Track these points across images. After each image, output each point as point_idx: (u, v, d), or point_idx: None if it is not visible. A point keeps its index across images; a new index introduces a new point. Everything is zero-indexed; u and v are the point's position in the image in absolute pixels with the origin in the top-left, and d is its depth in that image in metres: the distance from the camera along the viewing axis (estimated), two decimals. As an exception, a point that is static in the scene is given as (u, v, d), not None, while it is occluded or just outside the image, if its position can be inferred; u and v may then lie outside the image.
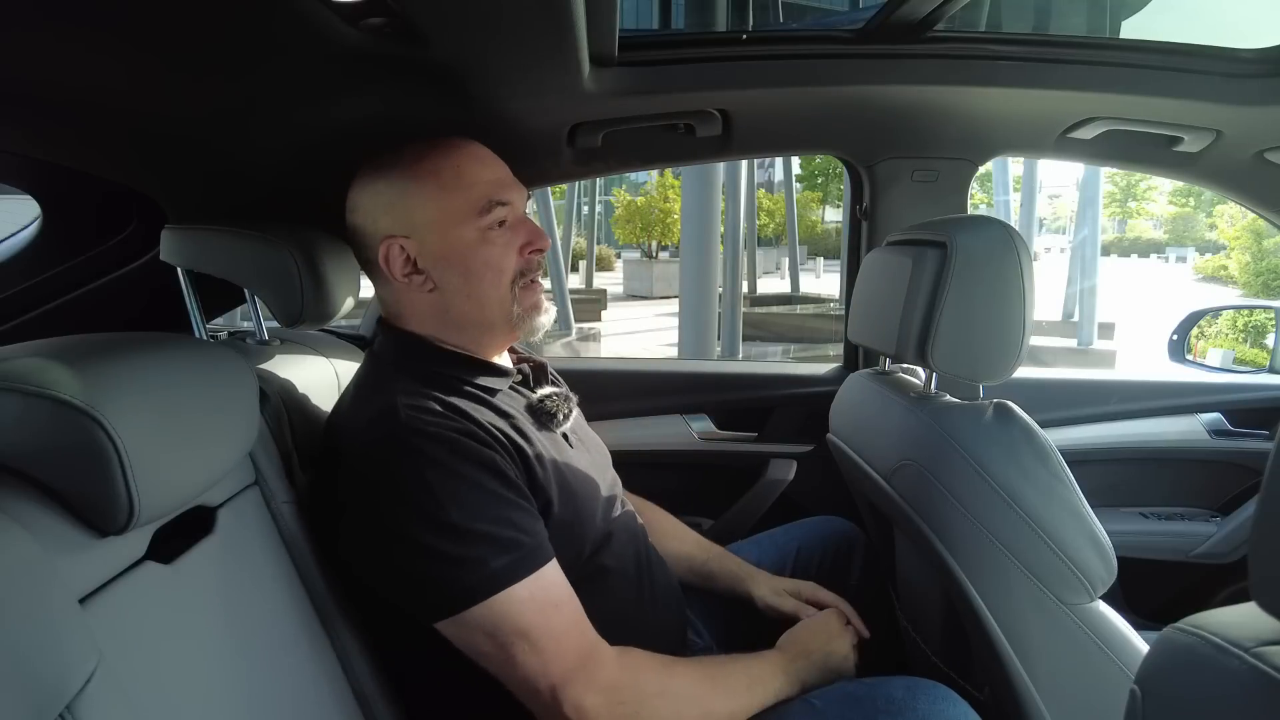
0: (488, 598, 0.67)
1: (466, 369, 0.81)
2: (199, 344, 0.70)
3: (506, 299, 0.81)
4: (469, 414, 0.74)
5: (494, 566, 0.67)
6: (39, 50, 0.63)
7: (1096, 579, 0.82)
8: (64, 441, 0.50)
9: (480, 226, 0.79)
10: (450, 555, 0.67)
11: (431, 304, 0.81)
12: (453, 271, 0.79)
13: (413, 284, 0.80)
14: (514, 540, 0.69)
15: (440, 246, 0.79)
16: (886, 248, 1.05)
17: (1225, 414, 1.41)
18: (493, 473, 0.71)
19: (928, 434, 0.90)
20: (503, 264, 0.80)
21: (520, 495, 0.73)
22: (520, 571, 0.68)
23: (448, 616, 0.68)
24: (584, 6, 0.70)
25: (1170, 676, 0.43)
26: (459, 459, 0.70)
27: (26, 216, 1.12)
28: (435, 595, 0.68)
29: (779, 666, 0.83)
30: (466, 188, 0.79)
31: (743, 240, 8.48)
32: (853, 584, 1.08)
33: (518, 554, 0.69)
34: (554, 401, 0.85)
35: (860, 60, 1.09)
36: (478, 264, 0.79)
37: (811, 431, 1.37)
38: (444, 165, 0.79)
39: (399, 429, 0.70)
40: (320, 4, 0.61)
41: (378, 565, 0.71)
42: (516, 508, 0.72)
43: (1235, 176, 1.27)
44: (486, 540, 0.68)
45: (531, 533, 0.71)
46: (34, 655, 0.42)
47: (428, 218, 0.78)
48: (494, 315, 0.81)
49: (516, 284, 0.81)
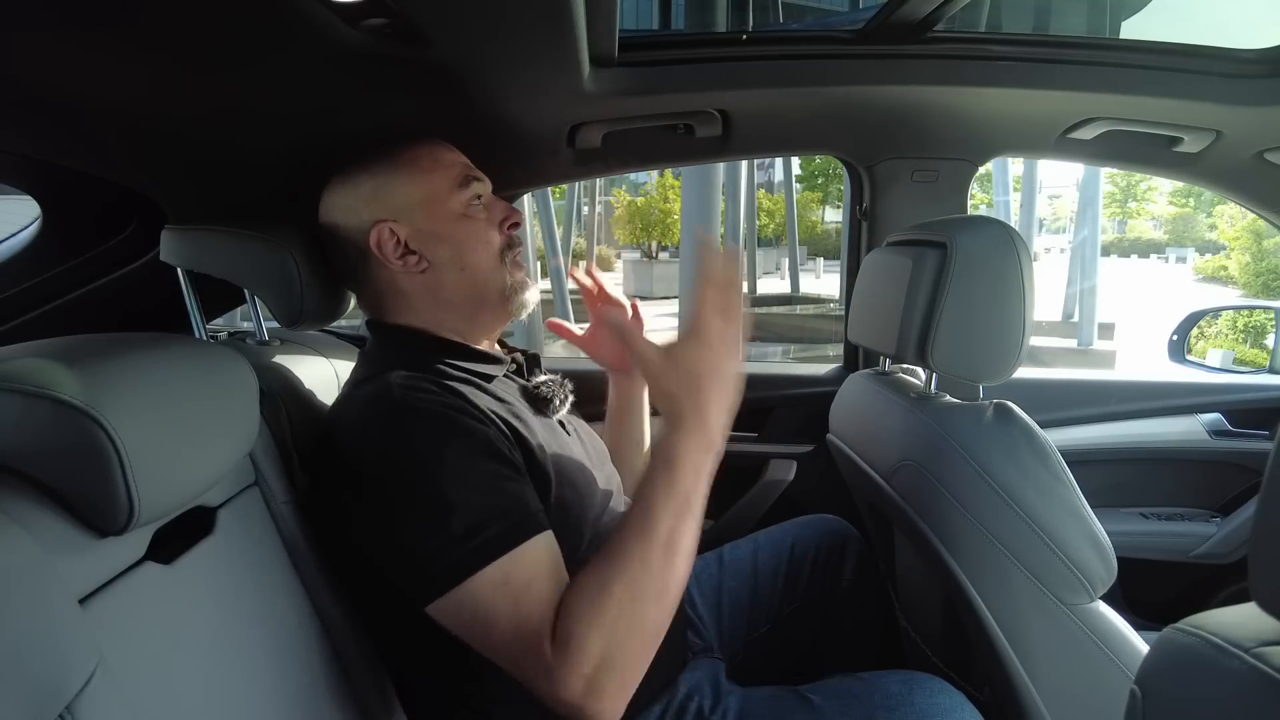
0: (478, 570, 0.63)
1: (461, 356, 0.81)
2: (199, 344, 0.70)
3: (499, 269, 0.84)
4: (465, 395, 0.74)
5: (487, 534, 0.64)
6: (39, 50, 0.63)
7: (1096, 579, 0.82)
8: (64, 442, 0.50)
9: (463, 200, 0.83)
10: (440, 529, 0.64)
11: (424, 285, 0.82)
12: (444, 246, 0.82)
13: (406, 265, 0.82)
14: (506, 508, 0.66)
15: (429, 223, 0.82)
16: (886, 248, 1.05)
17: (1225, 414, 1.41)
18: (485, 445, 0.69)
19: (928, 434, 0.90)
20: (489, 236, 0.84)
21: (513, 468, 0.71)
22: (511, 540, 0.65)
23: (440, 595, 0.64)
24: (584, 6, 0.70)
25: (1170, 677, 0.43)
26: (451, 432, 0.68)
27: (26, 216, 1.12)
28: (428, 572, 0.64)
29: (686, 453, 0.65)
30: (445, 168, 0.84)
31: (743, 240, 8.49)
32: (846, 582, 1.09)
33: (510, 520, 0.66)
34: (549, 387, 0.85)
35: (860, 60, 1.09)
36: (466, 234, 0.83)
37: (811, 432, 1.37)
38: (420, 152, 0.84)
39: (391, 406, 0.69)
40: (320, 4, 0.61)
41: (379, 549, 0.69)
42: (507, 478, 0.69)
43: (1235, 177, 1.27)
44: (478, 510, 0.65)
45: (524, 499, 0.68)
46: (34, 655, 0.42)
47: (413, 199, 0.82)
48: (487, 286, 0.83)
49: (505, 255, 0.85)
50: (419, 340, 0.82)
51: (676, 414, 0.66)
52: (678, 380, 0.66)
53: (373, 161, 0.83)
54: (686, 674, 0.88)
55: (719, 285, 0.67)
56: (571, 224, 14.99)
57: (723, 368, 0.66)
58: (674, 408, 0.66)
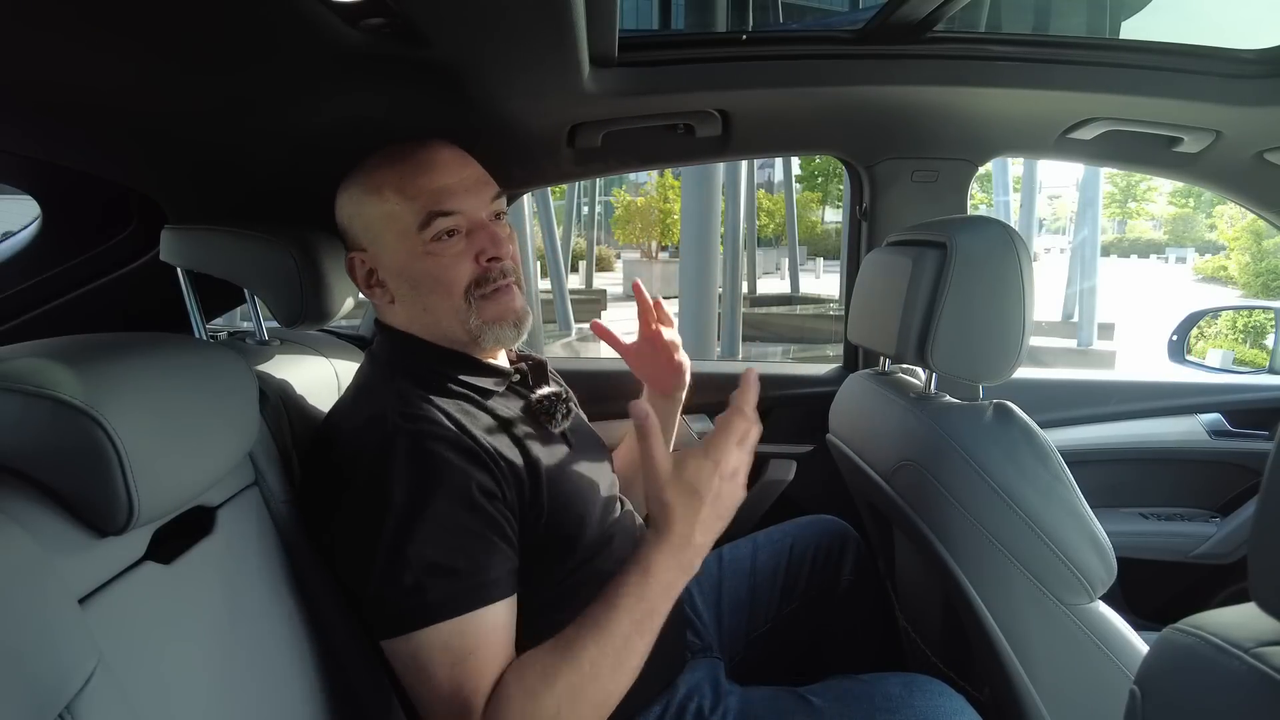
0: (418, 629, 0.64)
1: (462, 367, 0.80)
2: (199, 344, 0.70)
3: (462, 310, 0.78)
4: (463, 425, 0.73)
5: (427, 600, 0.65)
6: (39, 50, 0.63)
7: (1096, 579, 0.83)
8: (64, 442, 0.50)
9: (423, 239, 0.76)
10: (396, 580, 0.65)
11: (399, 313, 0.82)
12: (404, 286, 0.79)
13: (375, 295, 0.81)
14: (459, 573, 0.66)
15: (391, 261, 0.79)
16: (886, 248, 1.05)
17: (1225, 414, 1.41)
18: (464, 499, 0.68)
19: (927, 434, 0.90)
20: (450, 276, 0.77)
21: (488, 524, 0.69)
22: (451, 609, 0.65)
23: (386, 638, 0.67)
24: (584, 7, 0.70)
25: (1170, 677, 0.43)
26: (432, 483, 0.68)
27: (26, 216, 1.12)
28: (380, 612, 0.67)
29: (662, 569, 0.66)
30: (409, 200, 0.76)
31: (742, 240, 8.49)
32: (845, 582, 1.09)
33: (457, 587, 0.66)
34: (552, 402, 0.84)
35: (860, 60, 1.09)
36: (424, 278, 0.78)
37: (811, 432, 1.37)
38: (389, 178, 0.77)
39: (383, 441, 0.69)
40: (320, 4, 0.61)
41: (346, 562, 0.72)
42: (477, 538, 0.68)
43: (1235, 177, 1.27)
44: (432, 571, 0.65)
45: (482, 568, 0.67)
46: (33, 655, 0.42)
47: (377, 232, 0.79)
48: (451, 328, 0.79)
49: (472, 294, 0.78)
50: (421, 347, 0.81)
51: (666, 526, 0.66)
52: (677, 492, 0.66)
53: (356, 178, 0.80)
54: (686, 674, 0.88)
55: (746, 417, 0.69)
56: (571, 224, 14.99)
57: (723, 493, 0.67)
58: (666, 519, 0.66)
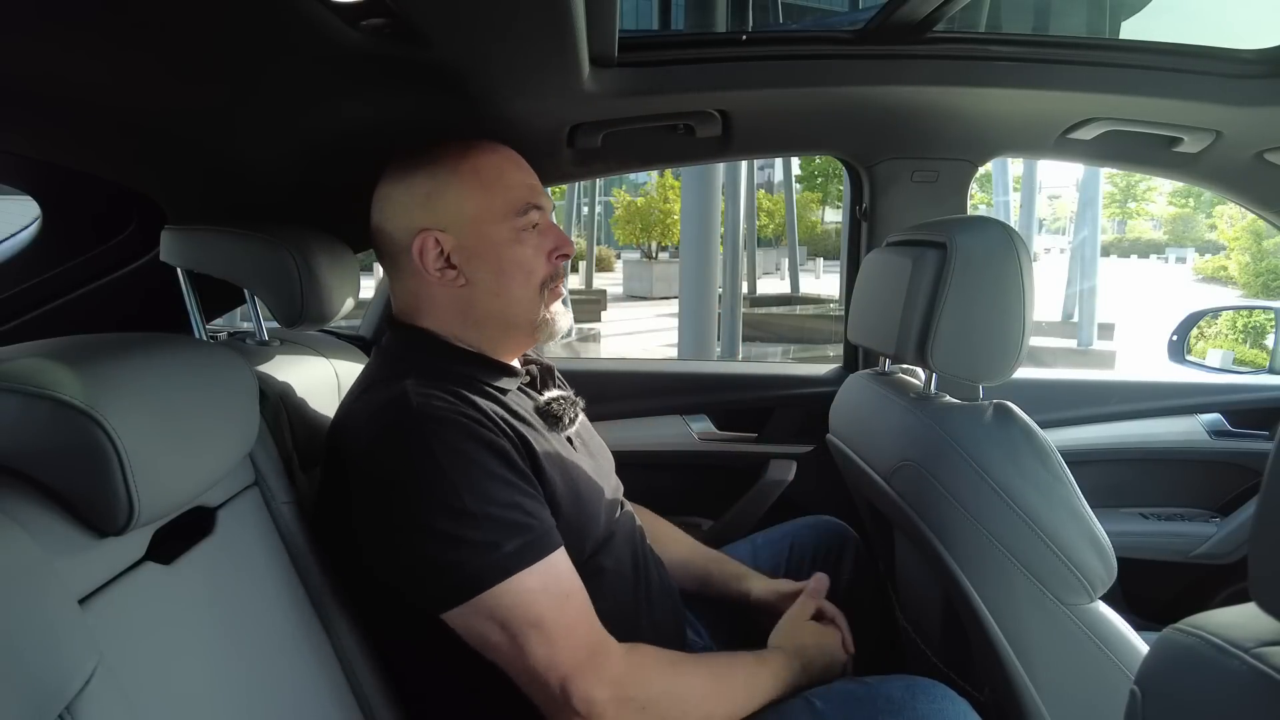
0: (499, 583, 0.66)
1: (478, 367, 0.81)
2: (199, 344, 0.70)
3: (535, 301, 0.82)
4: (479, 405, 0.74)
5: (505, 550, 0.67)
6: (39, 50, 0.63)
7: (1096, 579, 0.82)
8: (64, 442, 0.50)
9: (515, 226, 0.80)
10: (461, 540, 0.66)
11: (456, 300, 0.81)
12: (486, 268, 0.80)
13: (444, 278, 0.80)
14: (525, 525, 0.69)
15: (476, 242, 0.80)
16: (886, 248, 1.05)
17: (1225, 414, 1.41)
18: (503, 459, 0.71)
19: (927, 434, 0.90)
20: (533, 265, 0.82)
21: (528, 483, 0.72)
22: (530, 556, 0.68)
23: (459, 604, 0.67)
24: (584, 7, 0.70)
25: (1170, 677, 0.43)
26: (470, 443, 0.69)
27: (26, 216, 1.12)
28: (447, 582, 0.67)
29: (779, 665, 0.82)
30: (507, 188, 0.81)
31: (742, 241, 8.48)
32: (844, 583, 1.08)
33: (529, 537, 0.69)
34: (560, 405, 0.85)
35: (860, 61, 1.09)
36: (510, 263, 0.81)
37: (811, 432, 1.37)
38: (487, 164, 0.81)
39: (408, 415, 0.70)
40: (320, 5, 0.61)
41: (389, 556, 0.70)
42: (525, 494, 0.71)
43: (1235, 177, 1.27)
44: (498, 525, 0.67)
45: (540, 518, 0.71)
46: (33, 656, 0.42)
47: (466, 213, 0.80)
48: (519, 315, 0.82)
49: (546, 286, 0.83)
50: (439, 347, 0.81)
51: (797, 652, 0.85)
52: (808, 634, 0.89)
53: (434, 162, 0.81)
54: (687, 674, 0.88)
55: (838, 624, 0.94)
56: (571, 224, 14.98)
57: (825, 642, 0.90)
58: (794, 646, 0.87)
